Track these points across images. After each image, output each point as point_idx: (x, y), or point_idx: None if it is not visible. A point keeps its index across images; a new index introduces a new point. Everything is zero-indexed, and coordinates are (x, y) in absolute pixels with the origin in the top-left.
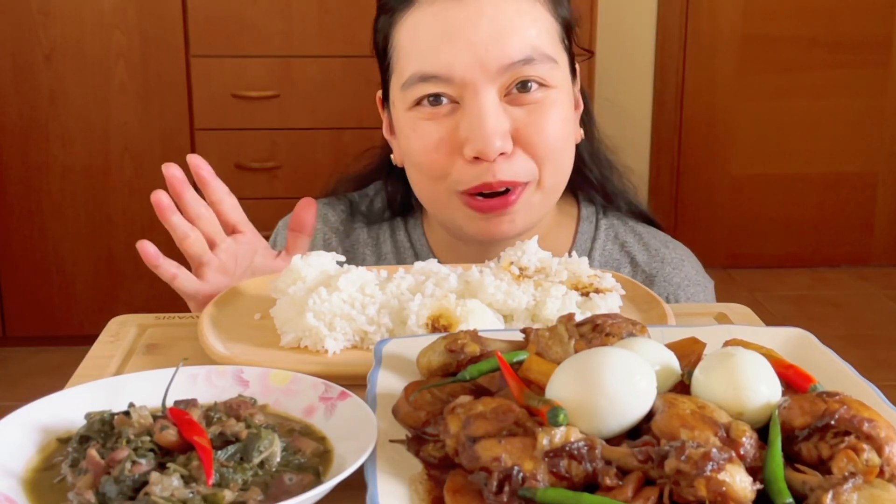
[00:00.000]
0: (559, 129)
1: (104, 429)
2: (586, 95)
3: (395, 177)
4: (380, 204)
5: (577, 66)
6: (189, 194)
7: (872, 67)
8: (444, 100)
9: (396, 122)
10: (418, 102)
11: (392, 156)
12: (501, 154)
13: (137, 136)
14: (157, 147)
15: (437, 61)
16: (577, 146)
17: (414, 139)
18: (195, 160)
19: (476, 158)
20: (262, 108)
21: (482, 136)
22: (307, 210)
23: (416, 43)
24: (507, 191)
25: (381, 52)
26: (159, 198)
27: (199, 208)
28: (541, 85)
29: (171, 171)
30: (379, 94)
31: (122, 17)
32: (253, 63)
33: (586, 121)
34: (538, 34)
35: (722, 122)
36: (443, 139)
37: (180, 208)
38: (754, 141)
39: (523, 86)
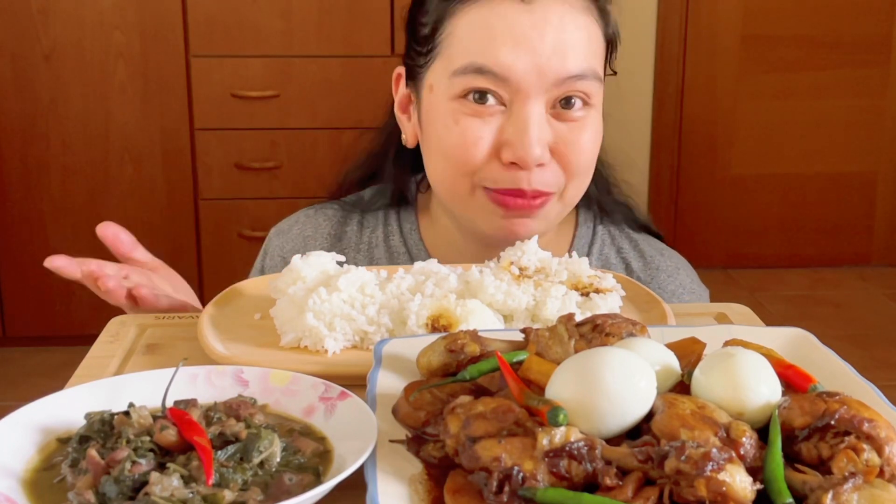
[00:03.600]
0: (592, 148)
1: (104, 429)
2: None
3: (398, 162)
4: (377, 199)
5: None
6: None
7: (872, 67)
8: (491, 99)
9: (432, 107)
10: (464, 95)
11: (403, 136)
12: (538, 165)
13: (137, 136)
14: (157, 147)
15: (498, 59)
16: None
17: (455, 131)
18: (108, 230)
19: (513, 164)
20: (262, 108)
21: (525, 143)
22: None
23: (477, 36)
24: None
25: (427, 35)
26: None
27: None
28: (584, 103)
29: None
30: (398, 70)
31: (122, 17)
32: (253, 63)
33: None
34: (593, 51)
35: (722, 122)
36: (483, 139)
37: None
38: (754, 141)
39: (567, 101)
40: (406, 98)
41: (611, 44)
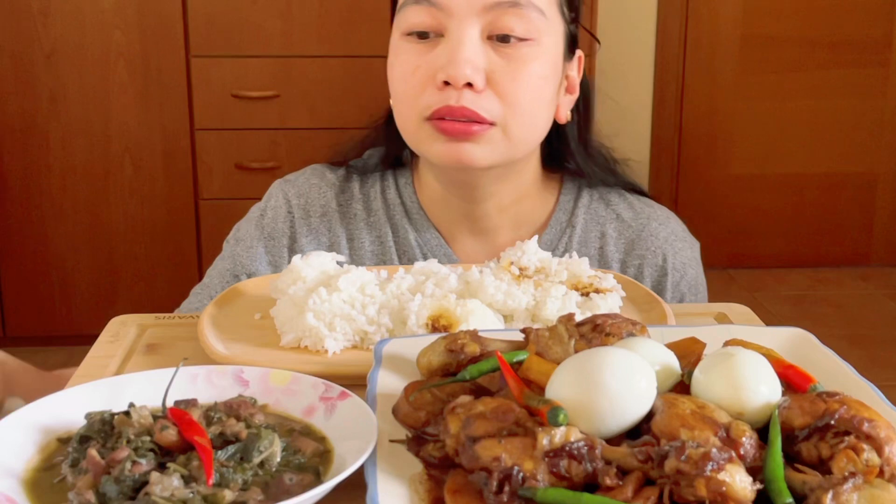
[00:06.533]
0: (534, 84)
1: (104, 429)
2: (587, 88)
3: (391, 131)
4: (373, 161)
5: (580, 52)
6: None
7: (872, 67)
8: (431, 35)
9: (390, 48)
10: (409, 33)
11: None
12: (470, 86)
13: (137, 136)
14: (158, 147)
15: None
16: (565, 131)
17: (396, 65)
18: None
19: (446, 84)
20: (262, 108)
21: (454, 61)
22: None
23: None
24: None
25: None
26: None
27: None
28: (522, 39)
29: None
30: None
31: (122, 17)
32: (253, 63)
33: (582, 111)
34: None
35: (722, 122)
36: (419, 66)
37: None
38: (754, 141)
39: (504, 38)
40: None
41: None
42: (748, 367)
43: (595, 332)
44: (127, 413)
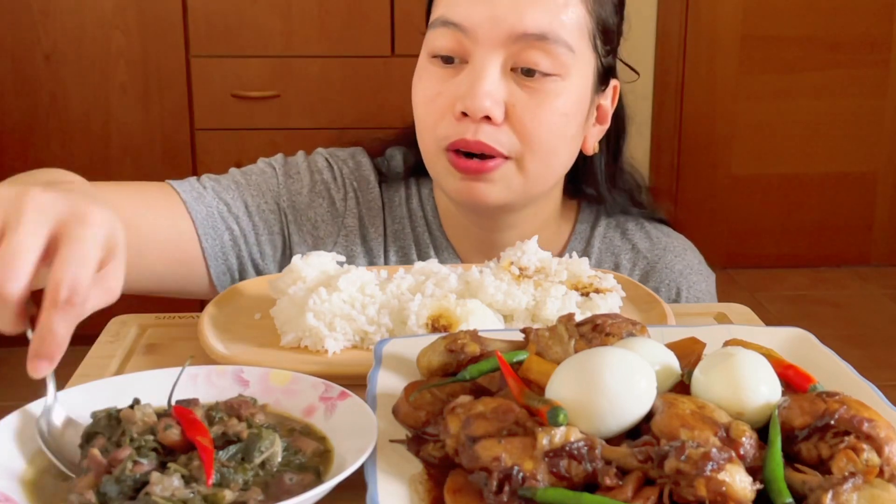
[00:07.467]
0: (555, 121)
1: (111, 423)
2: (622, 119)
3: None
4: (396, 163)
5: (616, 82)
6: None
7: (872, 67)
8: (456, 61)
9: (416, 68)
10: (435, 56)
11: None
12: (488, 118)
13: (137, 136)
14: (157, 147)
15: (458, 9)
16: (593, 161)
17: (419, 88)
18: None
19: (463, 115)
20: (262, 108)
21: (474, 93)
22: None
23: None
24: (486, 157)
25: (429, 3)
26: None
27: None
28: (547, 74)
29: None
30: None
31: (122, 17)
32: (253, 63)
33: (613, 142)
34: (562, 18)
35: (722, 122)
36: (441, 93)
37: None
38: (754, 141)
39: (529, 72)
40: None
41: (605, 28)
42: (748, 367)
43: (595, 332)
44: (132, 407)
